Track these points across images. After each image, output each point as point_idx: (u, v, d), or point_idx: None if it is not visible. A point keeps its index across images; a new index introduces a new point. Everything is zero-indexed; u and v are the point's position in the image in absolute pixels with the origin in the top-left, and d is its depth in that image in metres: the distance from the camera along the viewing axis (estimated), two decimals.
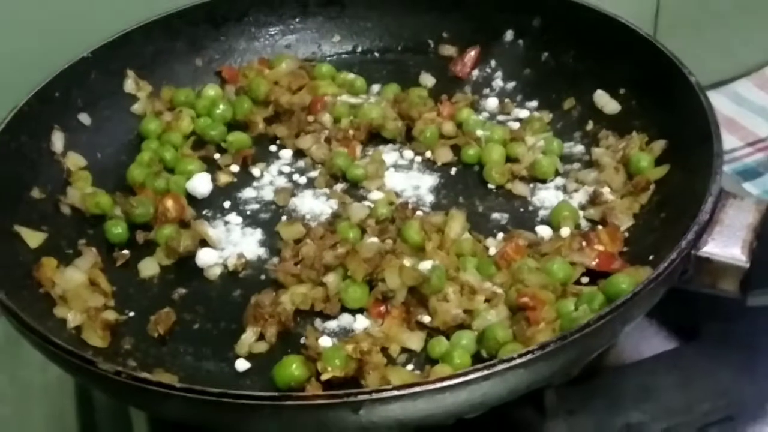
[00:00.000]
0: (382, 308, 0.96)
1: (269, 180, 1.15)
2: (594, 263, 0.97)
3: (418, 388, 0.75)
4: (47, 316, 0.94)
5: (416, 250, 1.00)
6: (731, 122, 1.63)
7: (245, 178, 1.16)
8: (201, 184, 1.13)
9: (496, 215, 1.08)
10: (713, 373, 0.98)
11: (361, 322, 0.96)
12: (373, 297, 0.96)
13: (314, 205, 1.11)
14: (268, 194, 1.13)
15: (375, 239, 1.01)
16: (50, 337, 0.84)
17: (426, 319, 0.94)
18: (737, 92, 1.70)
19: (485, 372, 0.76)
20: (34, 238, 1.02)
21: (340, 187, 1.13)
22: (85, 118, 1.17)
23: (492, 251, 1.01)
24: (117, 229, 1.06)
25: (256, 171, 1.16)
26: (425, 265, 0.96)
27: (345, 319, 0.97)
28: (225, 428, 0.84)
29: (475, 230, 1.04)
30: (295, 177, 1.15)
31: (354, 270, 0.96)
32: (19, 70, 1.15)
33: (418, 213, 1.07)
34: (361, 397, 0.75)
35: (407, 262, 0.96)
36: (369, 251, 0.97)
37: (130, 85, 1.22)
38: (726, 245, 0.89)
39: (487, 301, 0.94)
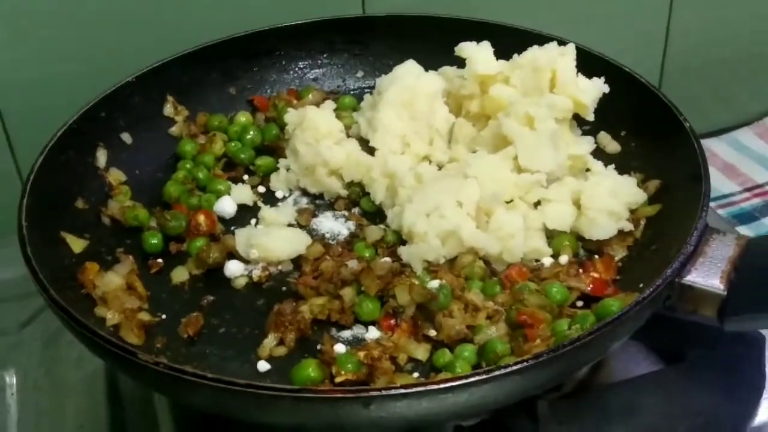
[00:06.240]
0: (392, 321, 1.03)
1: (293, 201, 1.24)
2: (588, 288, 1.05)
3: (422, 388, 0.83)
4: (88, 315, 1.01)
5: (426, 271, 1.08)
6: (731, 168, 1.69)
7: (271, 199, 1.24)
8: (226, 205, 1.21)
9: None
10: (694, 394, 1.05)
11: (372, 333, 1.03)
12: (384, 311, 1.04)
13: (333, 225, 1.19)
14: (291, 214, 1.20)
15: (388, 259, 1.09)
16: (98, 332, 0.92)
17: (432, 332, 1.02)
18: (738, 140, 1.75)
19: (485, 376, 0.84)
20: (77, 244, 1.10)
21: (357, 210, 1.21)
22: (126, 137, 1.25)
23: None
24: (154, 240, 1.14)
25: (280, 193, 1.25)
26: (433, 284, 1.04)
27: (358, 329, 1.04)
28: (246, 419, 0.91)
29: None
30: (317, 200, 1.23)
31: (368, 286, 1.04)
32: (69, 91, 1.23)
33: None
34: (372, 393, 0.83)
35: (416, 280, 1.04)
36: (382, 269, 1.05)
37: (168, 109, 1.30)
38: (707, 275, 0.96)
39: (488, 318, 1.02)
